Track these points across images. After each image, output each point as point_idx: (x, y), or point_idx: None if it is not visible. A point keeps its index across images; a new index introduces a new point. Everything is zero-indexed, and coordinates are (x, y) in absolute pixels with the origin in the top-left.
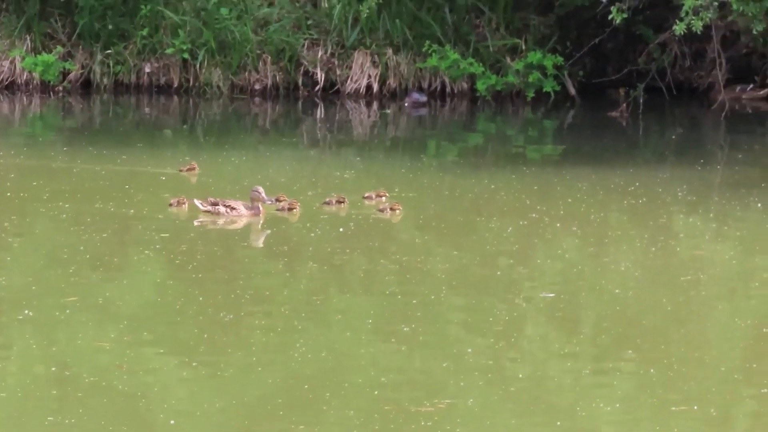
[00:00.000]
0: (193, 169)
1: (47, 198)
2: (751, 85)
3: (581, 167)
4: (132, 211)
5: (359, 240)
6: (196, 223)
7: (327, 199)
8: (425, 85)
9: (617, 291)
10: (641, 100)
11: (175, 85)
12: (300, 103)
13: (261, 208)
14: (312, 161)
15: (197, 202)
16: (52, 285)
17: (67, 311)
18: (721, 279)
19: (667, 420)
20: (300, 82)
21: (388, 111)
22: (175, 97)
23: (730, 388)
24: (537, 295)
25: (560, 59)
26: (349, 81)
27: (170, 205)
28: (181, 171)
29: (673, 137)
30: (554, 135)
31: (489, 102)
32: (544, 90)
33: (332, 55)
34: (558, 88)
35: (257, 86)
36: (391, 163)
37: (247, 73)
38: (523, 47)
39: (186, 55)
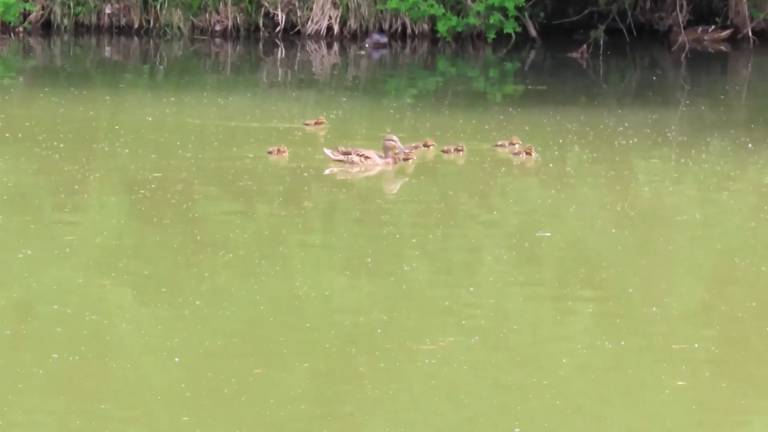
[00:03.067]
0: (321, 123)
1: (42, 139)
2: (713, 27)
3: (565, 108)
4: (127, 151)
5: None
6: (326, 172)
7: (445, 147)
8: (386, 26)
9: (614, 230)
10: (602, 42)
11: (136, 26)
12: (261, 44)
13: (393, 157)
14: (288, 102)
15: (327, 151)
16: (51, 224)
17: (66, 249)
18: (718, 218)
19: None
20: (261, 23)
21: (362, 52)
22: (136, 39)
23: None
24: (534, 234)
25: (521, 0)
26: (309, 22)
27: (269, 152)
28: (306, 125)
29: (654, 78)
30: (515, 76)
31: (450, 43)
32: (505, 31)
33: None
34: (519, 30)
35: (218, 27)
36: (375, 104)
37: (207, 15)
38: None
39: None
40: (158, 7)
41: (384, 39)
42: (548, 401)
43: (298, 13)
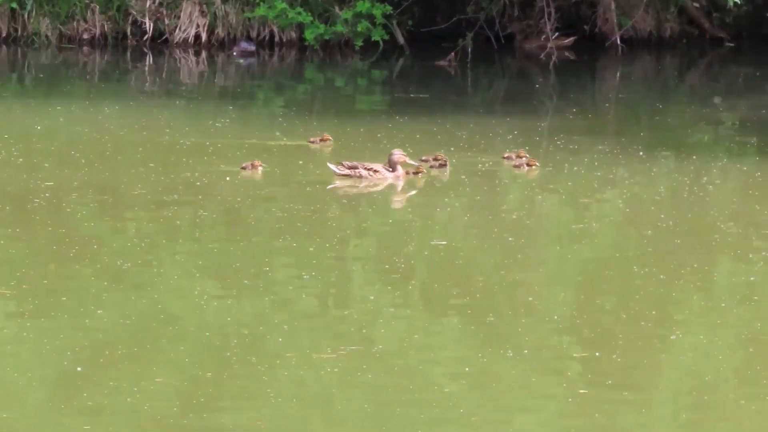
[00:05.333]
0: (327, 140)
1: None
2: (556, 34)
3: (454, 116)
4: (20, 160)
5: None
6: (329, 188)
7: (424, 157)
8: (254, 34)
9: (510, 239)
10: (469, 50)
11: (3, 34)
12: (129, 52)
13: (402, 170)
14: (162, 110)
15: (332, 166)
16: None
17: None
18: (615, 227)
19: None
20: (129, 31)
21: (241, 60)
22: (3, 47)
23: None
24: (429, 243)
25: (389, 8)
26: (177, 30)
27: (243, 168)
28: (311, 143)
29: (529, 86)
30: (384, 84)
31: (317, 51)
32: (373, 39)
33: (160, 4)
34: (387, 38)
35: (86, 36)
36: (247, 113)
37: (75, 23)
38: None
39: (14, 5)
40: (26, 15)
41: (252, 47)
42: (449, 411)
43: (166, 21)
